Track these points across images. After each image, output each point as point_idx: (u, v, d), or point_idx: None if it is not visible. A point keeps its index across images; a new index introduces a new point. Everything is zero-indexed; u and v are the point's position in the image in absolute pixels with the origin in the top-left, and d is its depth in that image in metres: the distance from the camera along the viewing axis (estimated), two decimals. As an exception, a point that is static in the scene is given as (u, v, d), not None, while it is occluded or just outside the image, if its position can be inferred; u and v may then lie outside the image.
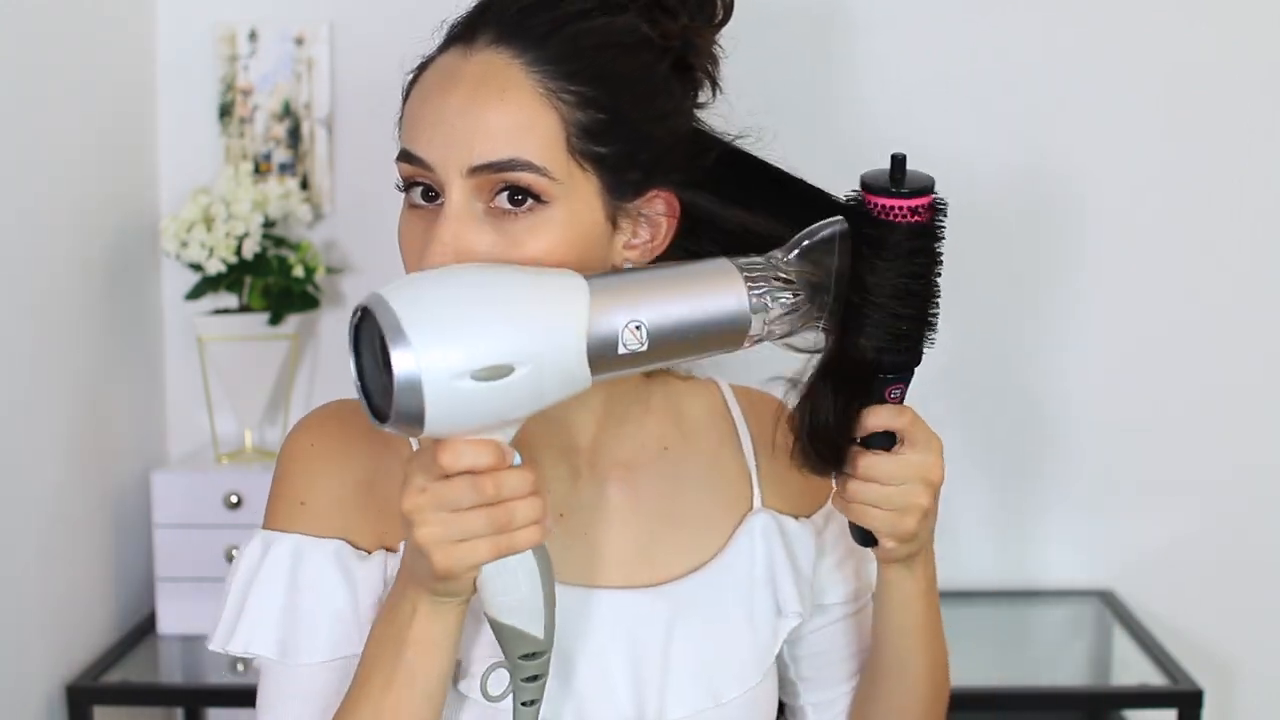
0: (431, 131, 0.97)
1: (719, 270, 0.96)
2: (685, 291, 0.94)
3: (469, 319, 0.87)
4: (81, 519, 1.92)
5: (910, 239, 1.00)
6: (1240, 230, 2.10)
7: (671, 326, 0.93)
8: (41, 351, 1.81)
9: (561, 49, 0.96)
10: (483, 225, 0.96)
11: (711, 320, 0.94)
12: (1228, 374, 2.12)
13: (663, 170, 1.00)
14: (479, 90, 0.95)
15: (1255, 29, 2.07)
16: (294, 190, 2.07)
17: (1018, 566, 2.15)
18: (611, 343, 0.91)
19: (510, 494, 0.89)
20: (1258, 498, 2.14)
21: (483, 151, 0.95)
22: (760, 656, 1.12)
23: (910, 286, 1.00)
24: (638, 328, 0.91)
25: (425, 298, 0.88)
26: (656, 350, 0.93)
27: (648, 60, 0.99)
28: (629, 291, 0.93)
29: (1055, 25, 2.08)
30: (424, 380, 0.85)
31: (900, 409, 1.02)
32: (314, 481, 1.06)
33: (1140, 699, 1.90)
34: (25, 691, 1.78)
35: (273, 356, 2.05)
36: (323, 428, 1.08)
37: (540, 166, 0.94)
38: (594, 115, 0.96)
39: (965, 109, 2.09)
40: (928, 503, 1.03)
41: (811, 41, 2.07)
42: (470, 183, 0.95)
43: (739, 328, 0.95)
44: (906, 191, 0.99)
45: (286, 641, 1.04)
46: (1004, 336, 2.10)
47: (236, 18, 2.10)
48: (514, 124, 0.95)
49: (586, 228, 0.97)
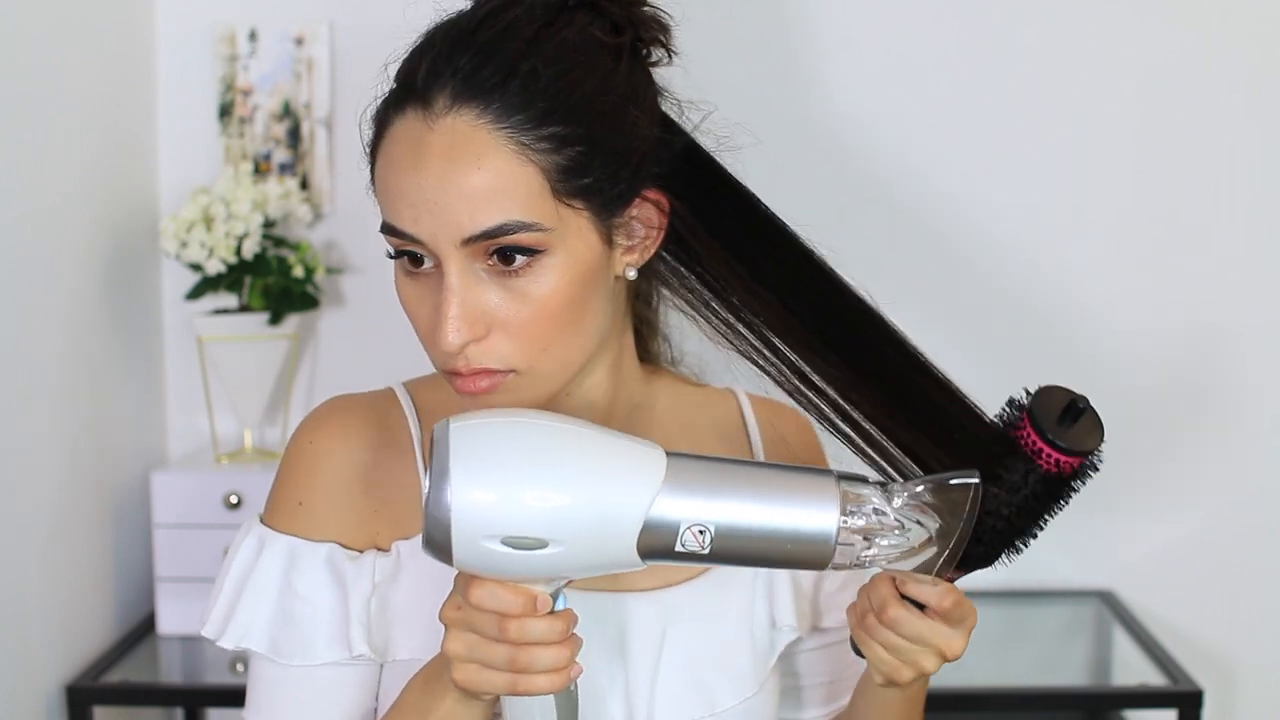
0: (414, 210, 0.95)
1: (817, 485, 0.87)
2: (769, 500, 0.86)
3: (516, 483, 0.85)
4: (81, 519, 1.92)
5: (1051, 485, 0.98)
6: (1238, 230, 2.10)
7: (741, 539, 0.86)
8: (41, 351, 1.81)
9: (524, 94, 0.93)
10: (487, 285, 0.95)
11: (790, 538, 0.86)
12: (1227, 374, 2.12)
13: (644, 173, 0.99)
14: (452, 162, 0.93)
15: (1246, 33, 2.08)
16: (294, 190, 2.07)
17: (1017, 566, 2.13)
18: (669, 538, 0.86)
19: (534, 639, 0.89)
20: (1257, 498, 2.14)
21: (472, 223, 0.93)
22: (758, 667, 1.12)
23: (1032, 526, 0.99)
24: (701, 532, 0.86)
25: (485, 445, 0.86)
26: (720, 554, 0.87)
27: (607, 68, 0.97)
28: (704, 489, 0.86)
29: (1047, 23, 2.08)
30: (454, 530, 0.85)
31: (948, 589, 0.99)
32: (311, 481, 1.06)
33: (1140, 699, 1.90)
34: (25, 691, 1.78)
35: (272, 356, 2.05)
36: (322, 426, 1.08)
37: (531, 223, 0.94)
38: (571, 152, 0.94)
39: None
40: (934, 669, 1.01)
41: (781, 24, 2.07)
42: (465, 251, 0.94)
43: (820, 556, 0.87)
44: (1065, 446, 0.96)
45: (279, 642, 1.05)
46: (1004, 336, 2.10)
47: (236, 18, 2.10)
48: (495, 189, 0.93)
49: (586, 258, 0.97)
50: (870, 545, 0.88)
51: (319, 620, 1.04)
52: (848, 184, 2.08)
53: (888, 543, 0.88)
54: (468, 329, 0.95)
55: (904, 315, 1.03)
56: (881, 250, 2.06)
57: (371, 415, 1.08)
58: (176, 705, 2.14)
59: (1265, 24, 2.07)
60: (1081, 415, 0.97)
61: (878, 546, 0.88)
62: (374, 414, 1.09)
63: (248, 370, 2.04)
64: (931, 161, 2.09)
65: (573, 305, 0.97)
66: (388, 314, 2.12)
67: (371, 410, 1.09)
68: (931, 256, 2.09)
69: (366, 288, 2.15)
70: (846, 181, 2.08)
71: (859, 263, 1.05)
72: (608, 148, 0.96)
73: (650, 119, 1.00)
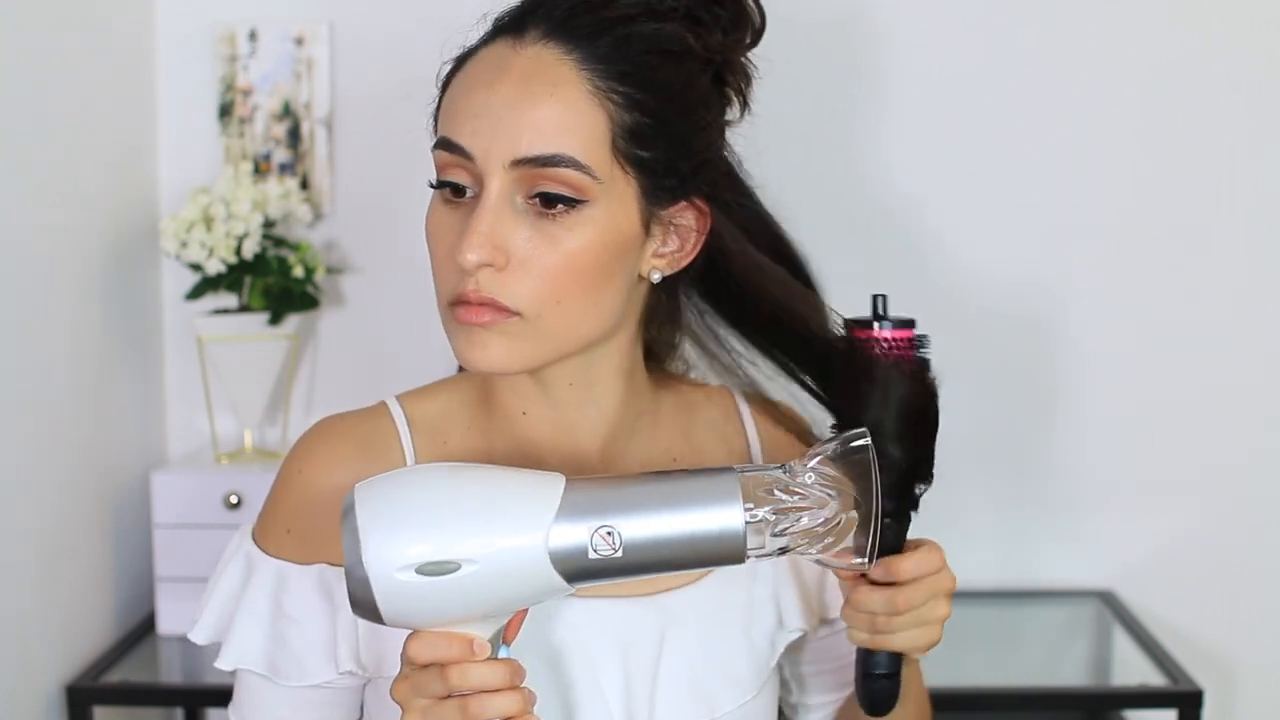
0: (476, 122, 0.96)
1: (716, 484, 0.89)
2: (671, 501, 0.89)
3: (417, 512, 0.87)
4: (81, 519, 1.92)
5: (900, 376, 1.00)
6: (1238, 231, 2.10)
7: (651, 536, 0.88)
8: (41, 351, 1.81)
9: (612, 49, 0.96)
10: (520, 218, 0.96)
11: (700, 534, 0.89)
12: (1227, 374, 2.12)
13: (697, 181, 1.00)
14: (529, 83, 0.95)
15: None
16: (294, 190, 2.07)
17: (1018, 566, 2.15)
18: (580, 548, 0.88)
19: (480, 686, 0.88)
20: (1257, 498, 2.14)
21: (529, 145, 0.94)
22: (758, 670, 1.12)
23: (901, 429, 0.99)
24: (609, 533, 0.88)
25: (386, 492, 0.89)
26: (636, 559, 0.88)
27: (692, 70, 0.99)
28: (606, 496, 0.89)
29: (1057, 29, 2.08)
30: (370, 575, 0.87)
31: (915, 556, 1.01)
32: (299, 511, 1.06)
33: (1140, 699, 1.90)
34: (25, 691, 1.78)
35: (272, 357, 2.05)
36: (310, 455, 1.08)
37: (584, 164, 0.94)
38: (640, 118, 0.96)
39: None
40: (948, 610, 1.03)
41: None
42: (512, 175, 0.95)
43: (733, 550, 0.89)
44: (891, 323, 1.00)
45: (275, 663, 1.07)
46: (1004, 336, 2.10)
47: (236, 18, 2.10)
48: (562, 120, 0.94)
49: (622, 230, 0.97)
50: (788, 528, 0.89)
51: (312, 641, 1.06)
52: (842, 181, 2.08)
53: (806, 521, 0.89)
54: (489, 250, 0.94)
55: (902, 312, 1.03)
56: (881, 249, 2.07)
57: (360, 438, 1.08)
58: (176, 705, 2.14)
59: (1265, 24, 2.07)
60: (886, 302, 1.02)
61: (798, 527, 0.89)
62: (363, 437, 1.08)
63: (248, 370, 2.04)
64: (931, 161, 2.09)
65: (597, 268, 0.97)
66: (388, 314, 2.14)
67: (360, 432, 1.08)
68: (932, 256, 2.09)
69: (366, 288, 2.15)
70: (841, 179, 2.08)
71: (856, 263, 1.06)
72: (674, 134, 0.97)
73: (716, 135, 1.02)
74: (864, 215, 2.08)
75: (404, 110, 1.15)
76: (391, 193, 2.11)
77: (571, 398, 1.06)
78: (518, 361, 0.98)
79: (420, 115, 1.07)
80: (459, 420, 1.09)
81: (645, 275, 1.02)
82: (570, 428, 1.07)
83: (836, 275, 1.12)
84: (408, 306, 2.11)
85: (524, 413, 1.07)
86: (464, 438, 1.08)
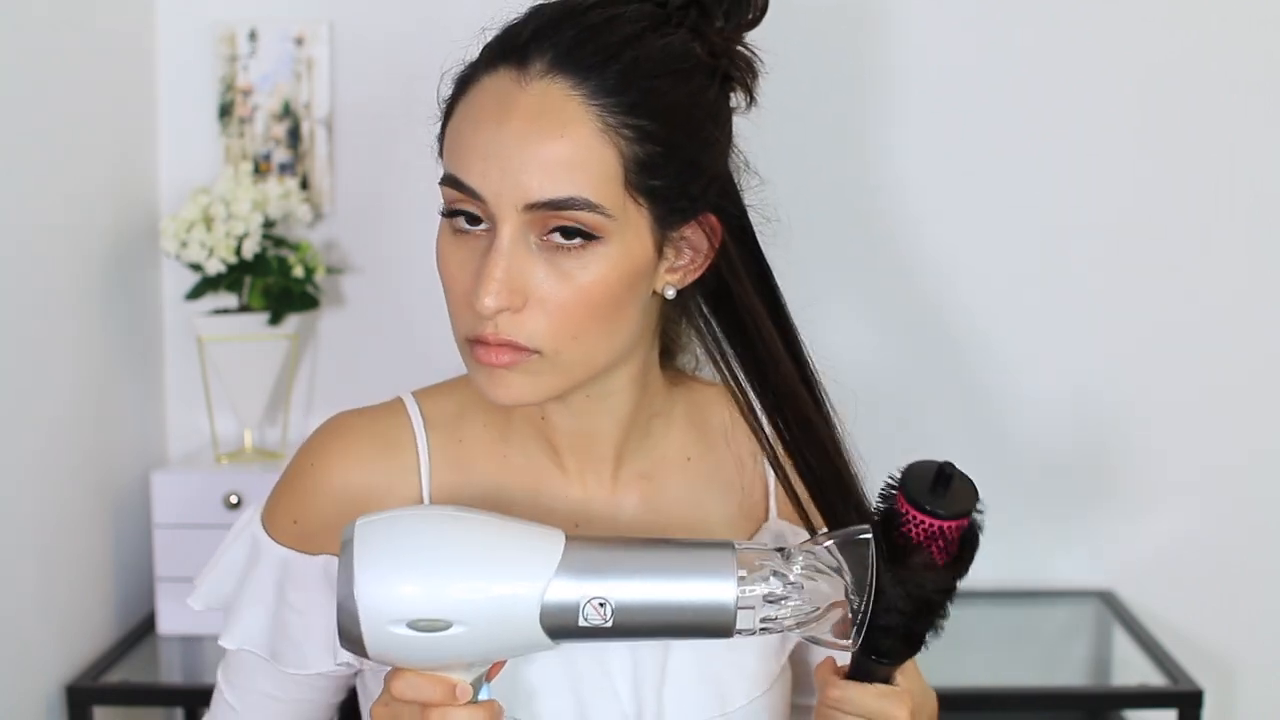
0: (485, 164, 0.94)
1: (712, 559, 0.89)
2: (666, 575, 0.88)
3: (415, 568, 0.88)
4: (81, 519, 1.92)
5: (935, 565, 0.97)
6: (1237, 230, 2.10)
7: (641, 609, 0.88)
8: (41, 351, 1.81)
9: (620, 79, 0.94)
10: (535, 259, 0.95)
11: (690, 609, 0.88)
12: (1227, 374, 2.12)
13: (709, 195, 1.00)
14: (538, 123, 0.93)
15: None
16: (294, 190, 2.07)
17: (1018, 566, 2.15)
18: (571, 615, 0.88)
19: None
20: (1257, 498, 2.14)
21: (540, 188, 0.93)
22: (769, 665, 1.12)
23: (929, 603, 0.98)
24: (601, 605, 0.88)
25: (386, 536, 0.89)
26: (624, 627, 0.89)
27: (700, 85, 0.98)
28: (602, 565, 0.89)
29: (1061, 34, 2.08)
30: (362, 619, 0.87)
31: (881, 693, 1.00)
32: (307, 503, 1.07)
33: (1140, 699, 1.90)
34: (25, 691, 1.78)
35: (272, 357, 2.05)
36: (323, 449, 1.08)
37: (597, 204, 0.93)
38: (651, 149, 0.95)
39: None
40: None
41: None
42: (525, 217, 0.94)
43: (722, 624, 0.89)
44: (944, 513, 0.94)
45: (278, 649, 1.08)
46: (1003, 336, 2.10)
47: (236, 17, 2.10)
48: (573, 161, 0.93)
49: (636, 259, 0.97)
50: (777, 610, 0.89)
51: (312, 631, 1.07)
52: (838, 180, 2.08)
53: (793, 605, 0.89)
54: (507, 295, 0.94)
55: (901, 312, 1.03)
56: (880, 248, 2.06)
57: (374, 435, 1.08)
58: (176, 705, 2.14)
59: (1265, 24, 2.07)
60: (951, 480, 0.95)
61: (785, 608, 0.89)
62: (377, 433, 1.08)
63: (248, 370, 2.04)
64: (930, 162, 2.09)
65: (613, 300, 0.97)
66: (388, 314, 2.14)
67: (375, 429, 1.09)
68: (931, 255, 2.09)
69: (366, 288, 2.15)
70: (836, 177, 2.08)
71: (854, 263, 1.05)
72: (685, 158, 0.97)
73: (725, 146, 1.02)
74: (863, 215, 2.07)
75: (404, 110, 1.14)
76: (391, 193, 2.11)
77: (588, 406, 1.06)
78: (541, 395, 0.99)
79: (420, 116, 1.06)
80: (475, 418, 1.09)
81: (659, 291, 1.02)
82: (587, 431, 1.08)
83: (834, 273, 1.12)
84: (408, 306, 2.11)
85: (542, 417, 1.08)
86: (480, 436, 1.09)
